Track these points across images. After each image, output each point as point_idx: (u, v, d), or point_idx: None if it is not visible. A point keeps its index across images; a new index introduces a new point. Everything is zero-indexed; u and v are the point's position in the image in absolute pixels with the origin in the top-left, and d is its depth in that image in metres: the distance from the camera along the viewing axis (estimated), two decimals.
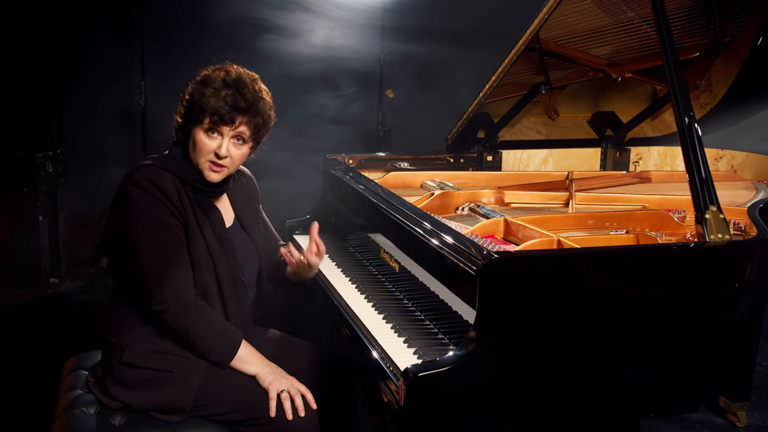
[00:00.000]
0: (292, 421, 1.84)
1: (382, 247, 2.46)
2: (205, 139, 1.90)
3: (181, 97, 1.98)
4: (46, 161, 4.23)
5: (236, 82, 1.91)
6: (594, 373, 1.85)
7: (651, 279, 1.89)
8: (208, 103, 1.87)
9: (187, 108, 1.93)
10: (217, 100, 1.88)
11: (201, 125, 1.89)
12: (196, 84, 1.93)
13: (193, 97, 1.91)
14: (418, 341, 1.96)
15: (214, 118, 1.89)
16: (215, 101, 1.88)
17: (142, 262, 1.83)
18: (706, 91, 3.23)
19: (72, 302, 4.13)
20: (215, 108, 1.88)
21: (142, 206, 1.84)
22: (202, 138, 1.90)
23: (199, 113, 1.89)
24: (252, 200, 2.17)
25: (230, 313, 1.96)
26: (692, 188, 2.02)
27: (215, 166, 1.92)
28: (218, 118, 1.89)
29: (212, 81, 1.91)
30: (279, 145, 4.72)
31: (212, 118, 1.89)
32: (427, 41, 4.89)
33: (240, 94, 1.90)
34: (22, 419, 2.80)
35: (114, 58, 4.58)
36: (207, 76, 1.93)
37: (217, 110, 1.88)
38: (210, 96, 1.88)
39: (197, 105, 1.89)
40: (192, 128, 1.92)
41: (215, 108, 1.88)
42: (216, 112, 1.88)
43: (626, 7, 2.96)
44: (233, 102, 1.89)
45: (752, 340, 2.03)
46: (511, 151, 3.37)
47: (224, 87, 1.90)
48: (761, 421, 2.97)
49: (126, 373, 1.87)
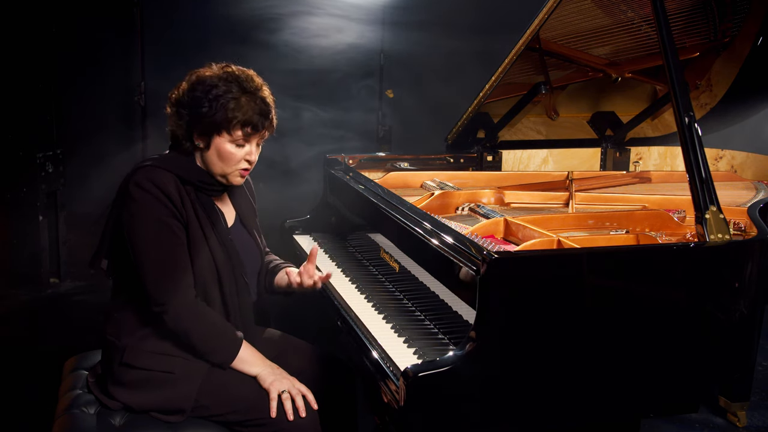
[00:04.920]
0: (293, 421, 1.84)
1: (382, 247, 2.46)
2: (232, 149, 1.88)
3: (175, 102, 1.90)
4: (46, 161, 4.23)
5: (251, 87, 1.88)
6: (594, 373, 1.85)
7: (651, 279, 1.89)
8: (237, 114, 1.83)
9: (198, 117, 1.85)
10: (247, 110, 1.84)
11: (230, 137, 1.86)
12: (202, 93, 1.85)
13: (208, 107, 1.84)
14: (418, 341, 1.96)
15: (246, 129, 1.86)
16: (244, 111, 1.84)
17: (143, 263, 1.83)
18: (706, 91, 3.23)
19: (72, 302, 4.14)
20: (247, 119, 1.85)
21: (144, 207, 1.83)
22: (229, 149, 1.87)
23: (226, 125, 1.84)
24: (251, 199, 2.17)
25: (231, 313, 1.95)
26: (692, 188, 2.02)
27: (245, 172, 1.93)
28: (252, 128, 1.86)
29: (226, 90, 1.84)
30: (279, 145, 4.73)
31: (245, 129, 1.86)
32: (427, 41, 4.88)
33: (262, 98, 1.88)
34: (22, 419, 2.80)
35: (114, 58, 4.59)
36: (212, 85, 1.85)
37: (249, 121, 1.85)
38: (235, 108, 1.83)
39: (221, 117, 1.83)
40: (211, 138, 1.87)
41: (247, 119, 1.85)
42: (249, 123, 1.85)
43: (626, 7, 2.96)
44: (261, 109, 1.87)
45: (752, 340, 2.03)
46: (511, 151, 3.37)
47: (243, 94, 1.86)
48: (761, 421, 2.97)
49: (126, 374, 1.87)
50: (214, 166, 1.91)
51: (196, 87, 1.87)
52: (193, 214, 1.90)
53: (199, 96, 1.85)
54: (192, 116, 1.87)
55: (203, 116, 1.85)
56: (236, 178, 1.94)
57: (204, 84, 1.86)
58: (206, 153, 1.90)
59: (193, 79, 1.89)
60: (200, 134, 1.88)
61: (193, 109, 1.86)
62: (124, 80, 4.56)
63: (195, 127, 1.88)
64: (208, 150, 1.89)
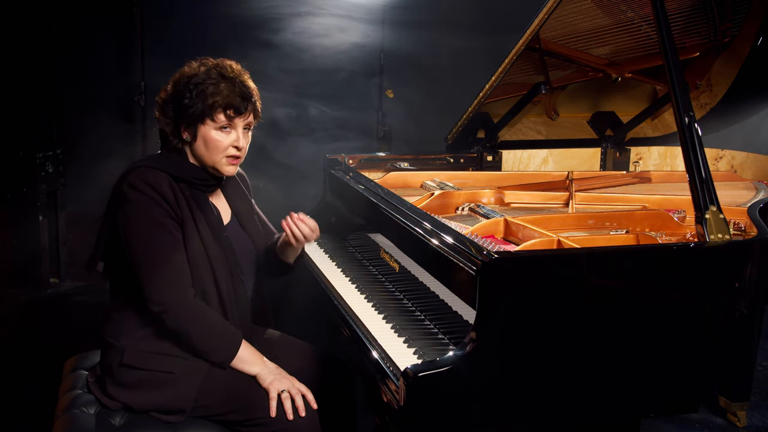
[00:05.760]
0: (293, 421, 1.83)
1: (382, 247, 2.46)
2: (218, 136, 1.90)
3: (160, 104, 1.94)
4: (46, 161, 4.23)
5: (230, 72, 1.91)
6: (594, 373, 1.85)
7: (651, 279, 1.89)
8: (217, 98, 1.86)
9: (181, 110, 1.89)
10: (228, 94, 1.87)
11: (214, 123, 1.88)
12: (183, 86, 1.89)
13: (189, 98, 1.87)
14: (418, 341, 1.96)
15: (229, 111, 1.88)
16: (225, 95, 1.87)
17: (140, 264, 1.83)
18: (706, 91, 3.23)
19: (72, 302, 4.14)
20: (228, 102, 1.87)
21: (139, 208, 1.84)
22: (214, 136, 1.89)
23: (208, 111, 1.87)
24: (246, 194, 2.17)
25: (229, 312, 1.95)
26: (692, 188, 2.02)
27: (234, 160, 1.94)
28: (234, 111, 1.88)
29: (205, 77, 1.88)
30: (278, 145, 4.74)
31: (227, 113, 1.88)
32: (427, 41, 4.89)
33: (241, 82, 1.91)
34: (22, 419, 2.80)
35: (114, 58, 4.59)
36: (192, 75, 1.90)
37: (230, 103, 1.87)
38: (215, 92, 1.86)
39: (203, 104, 1.86)
40: (196, 129, 1.90)
41: (228, 102, 1.87)
42: (230, 105, 1.87)
43: (626, 7, 2.96)
44: (241, 92, 1.89)
45: (752, 340, 2.03)
46: (511, 151, 3.37)
47: (222, 80, 1.88)
48: (761, 421, 2.97)
49: (126, 375, 1.87)
50: (203, 157, 1.92)
51: (178, 82, 1.92)
52: (188, 211, 1.91)
53: (180, 89, 1.90)
54: (176, 110, 1.91)
55: (186, 107, 1.88)
56: (226, 167, 1.94)
57: (184, 77, 1.91)
58: (194, 145, 1.92)
59: (176, 77, 1.94)
60: (186, 126, 1.91)
61: (176, 103, 1.91)
62: (124, 80, 4.56)
63: (181, 121, 1.91)
64: (195, 141, 1.91)
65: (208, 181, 1.97)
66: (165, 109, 1.93)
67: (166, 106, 1.93)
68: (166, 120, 1.93)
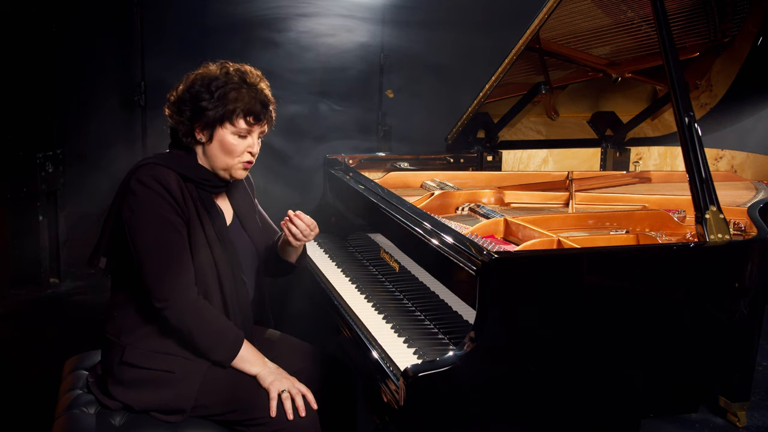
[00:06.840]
0: (293, 421, 1.83)
1: (382, 247, 2.46)
2: (234, 141, 1.90)
3: (175, 101, 1.93)
4: (46, 161, 4.23)
5: (251, 78, 1.91)
6: (594, 373, 1.85)
7: (651, 279, 1.89)
8: (238, 104, 1.87)
9: (199, 111, 1.88)
10: (249, 100, 1.88)
11: (233, 127, 1.89)
12: (203, 87, 1.88)
13: (208, 100, 1.87)
14: (418, 341, 1.96)
15: (249, 118, 1.89)
16: (246, 101, 1.87)
17: (145, 259, 1.83)
18: (706, 91, 3.23)
19: (72, 302, 4.14)
20: (249, 108, 1.88)
21: (146, 203, 1.84)
22: (231, 140, 1.90)
23: (229, 116, 1.87)
24: (249, 196, 2.17)
25: (231, 312, 1.95)
26: (692, 188, 2.02)
27: (247, 164, 1.95)
28: (254, 118, 1.89)
29: (227, 81, 1.88)
30: (278, 145, 4.73)
31: (247, 119, 1.89)
32: (428, 40, 4.89)
33: (260, 89, 1.92)
34: (22, 419, 2.80)
35: (114, 58, 4.59)
36: (213, 78, 1.89)
37: (251, 110, 1.88)
38: (237, 98, 1.87)
39: (223, 108, 1.86)
40: (213, 131, 1.90)
41: (249, 108, 1.88)
42: (250, 112, 1.88)
43: (626, 7, 2.96)
44: (262, 100, 1.90)
45: (752, 340, 2.03)
46: (511, 151, 3.37)
47: (244, 85, 1.89)
48: (761, 421, 2.97)
49: (126, 373, 1.87)
50: (217, 159, 1.92)
51: (195, 83, 1.91)
52: (194, 211, 1.91)
53: (199, 90, 1.89)
54: (194, 110, 1.90)
55: (205, 109, 1.88)
56: (239, 172, 1.95)
57: (203, 79, 1.91)
58: (209, 147, 1.92)
59: (191, 78, 1.93)
60: (203, 128, 1.91)
61: (194, 104, 1.89)
62: (124, 80, 4.56)
63: (197, 122, 1.90)
64: (210, 143, 1.91)
65: (216, 183, 1.97)
66: (181, 109, 1.92)
67: (182, 105, 1.91)
68: (180, 119, 1.92)
